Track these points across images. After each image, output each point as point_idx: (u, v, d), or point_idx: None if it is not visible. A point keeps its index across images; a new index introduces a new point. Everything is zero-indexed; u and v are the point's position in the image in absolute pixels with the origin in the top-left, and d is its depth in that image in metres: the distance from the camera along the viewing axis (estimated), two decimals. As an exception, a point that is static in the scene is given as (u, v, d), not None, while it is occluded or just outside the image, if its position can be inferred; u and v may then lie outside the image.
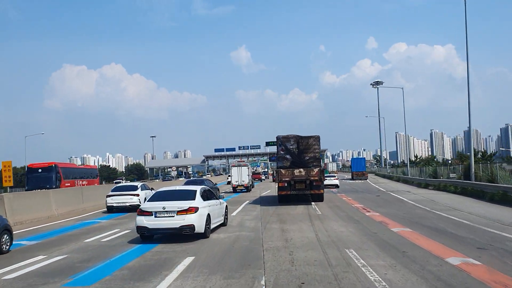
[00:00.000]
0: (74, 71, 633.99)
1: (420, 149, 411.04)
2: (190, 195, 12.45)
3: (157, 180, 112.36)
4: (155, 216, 11.64)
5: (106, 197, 21.69)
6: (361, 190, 37.32)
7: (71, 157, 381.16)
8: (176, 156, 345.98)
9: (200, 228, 11.81)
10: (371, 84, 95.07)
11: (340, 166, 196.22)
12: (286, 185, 20.58)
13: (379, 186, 44.60)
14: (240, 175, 38.34)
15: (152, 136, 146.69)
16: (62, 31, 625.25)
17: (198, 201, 12.19)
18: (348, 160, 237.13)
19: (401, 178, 56.63)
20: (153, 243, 11.98)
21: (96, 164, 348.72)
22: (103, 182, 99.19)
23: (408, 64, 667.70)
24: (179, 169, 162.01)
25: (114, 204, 21.12)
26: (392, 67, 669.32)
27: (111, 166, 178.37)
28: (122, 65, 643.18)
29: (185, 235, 11.93)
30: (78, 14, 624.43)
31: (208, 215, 12.46)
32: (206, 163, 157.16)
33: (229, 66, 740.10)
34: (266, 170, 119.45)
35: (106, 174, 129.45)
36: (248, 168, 39.81)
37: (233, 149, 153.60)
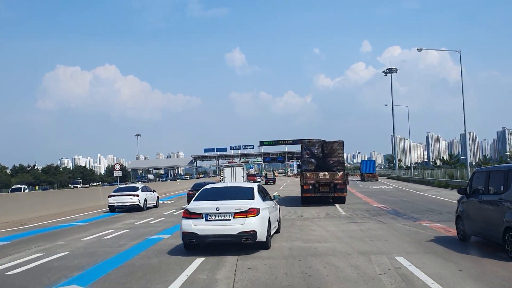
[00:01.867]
0: (68, 72, 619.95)
1: (416, 152, 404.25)
2: (248, 193, 9.81)
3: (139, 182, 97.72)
4: (206, 220, 8.94)
5: (108, 197, 22.23)
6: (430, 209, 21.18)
7: (61, 158, 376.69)
8: (169, 157, 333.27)
9: (262, 235, 9.03)
10: (383, 71, 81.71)
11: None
12: (310, 187, 20.36)
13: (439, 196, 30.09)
14: (234, 176, 34.42)
15: (137, 135, 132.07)
16: (55, 32, 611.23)
17: (257, 201, 9.49)
18: (348, 164, 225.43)
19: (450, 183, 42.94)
20: (195, 255, 8.91)
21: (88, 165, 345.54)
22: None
23: (402, 67, 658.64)
24: (157, 171, 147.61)
25: (115, 204, 21.59)
26: (386, 71, 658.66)
27: (96, 167, 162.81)
28: (116, 66, 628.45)
29: (236, 243, 9.10)
30: (72, 15, 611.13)
31: (269, 219, 9.73)
32: (194, 164, 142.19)
33: (223, 68, 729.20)
34: (259, 172, 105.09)
35: (81, 176, 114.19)
36: (243, 169, 35.90)
37: (224, 149, 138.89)
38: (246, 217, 8.90)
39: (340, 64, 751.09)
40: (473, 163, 73.26)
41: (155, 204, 23.98)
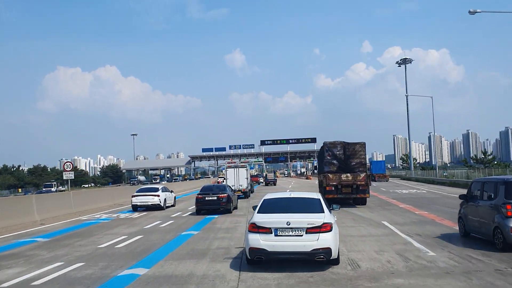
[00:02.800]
0: (68, 73, 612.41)
1: (418, 152, 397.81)
2: (315, 205, 8.74)
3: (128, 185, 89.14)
4: (276, 235, 8.00)
5: (132, 197, 23.08)
6: None
7: (61, 159, 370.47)
8: (170, 157, 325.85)
9: (335, 252, 8.11)
10: (396, 62, 73.53)
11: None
12: (333, 189, 20.09)
13: None
14: (237, 178, 31.16)
15: (133, 134, 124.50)
16: (56, 33, 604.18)
17: (328, 215, 8.42)
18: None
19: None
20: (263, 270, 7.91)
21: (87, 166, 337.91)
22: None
23: (403, 68, 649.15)
24: (152, 172, 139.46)
25: (138, 203, 22.51)
26: (386, 71, 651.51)
27: (96, 168, 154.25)
28: (116, 67, 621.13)
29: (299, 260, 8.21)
30: (72, 16, 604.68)
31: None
32: (192, 164, 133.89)
33: (223, 68, 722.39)
34: (260, 173, 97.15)
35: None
36: (247, 169, 32.45)
37: (223, 149, 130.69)
38: (320, 232, 7.89)
39: (341, 65, 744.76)
40: None
41: (172, 204, 24.83)
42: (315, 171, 49.52)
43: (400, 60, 73.14)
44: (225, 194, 19.02)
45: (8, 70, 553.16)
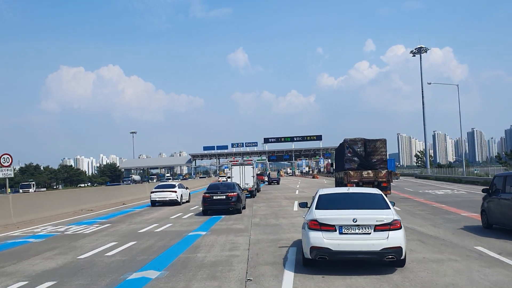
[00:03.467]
0: (71, 72, 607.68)
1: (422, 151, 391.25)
2: (379, 201, 7.97)
3: (123, 183, 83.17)
4: (341, 232, 7.22)
5: (150, 193, 23.77)
6: None
7: (64, 159, 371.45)
8: (172, 156, 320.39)
9: (404, 252, 7.33)
10: (411, 51, 67.37)
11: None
12: (354, 186, 19.29)
13: None
14: (243, 176, 28.93)
15: (132, 132, 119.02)
16: (59, 33, 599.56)
17: (394, 211, 7.62)
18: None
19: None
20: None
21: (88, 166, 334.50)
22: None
23: (406, 66, 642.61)
24: (152, 171, 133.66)
25: (157, 199, 23.19)
26: (390, 70, 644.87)
27: (93, 167, 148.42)
28: (119, 67, 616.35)
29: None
30: (75, 16, 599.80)
31: None
32: (193, 163, 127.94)
33: (226, 68, 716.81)
34: (263, 171, 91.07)
35: (66, 176, 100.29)
36: (253, 167, 30.23)
37: (225, 147, 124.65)
38: (390, 230, 7.16)
39: (344, 63, 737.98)
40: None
41: (187, 200, 25.33)
42: (331, 169, 44.37)
43: (415, 49, 67.03)
44: (235, 193, 17.59)
45: (11, 70, 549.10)
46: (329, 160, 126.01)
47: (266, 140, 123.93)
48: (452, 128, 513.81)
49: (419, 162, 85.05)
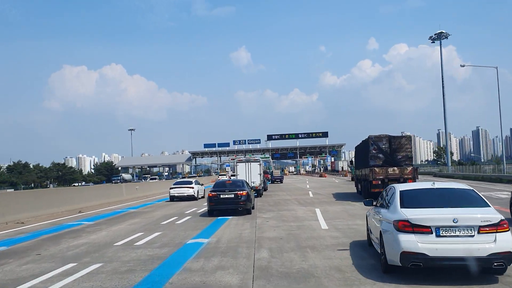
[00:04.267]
0: (74, 71, 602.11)
1: (426, 150, 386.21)
2: (475, 198, 6.78)
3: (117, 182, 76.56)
4: (438, 235, 6.09)
5: (169, 189, 25.02)
6: None
7: (66, 157, 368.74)
8: (175, 154, 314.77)
9: None
10: (429, 38, 60.40)
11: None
12: (379, 183, 19.55)
13: None
14: (249, 174, 26.84)
15: (131, 129, 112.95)
16: (61, 32, 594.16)
17: (495, 210, 6.58)
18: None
19: None
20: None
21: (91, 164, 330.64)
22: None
23: (409, 65, 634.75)
24: (153, 169, 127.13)
25: (176, 194, 24.34)
26: (392, 68, 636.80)
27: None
28: (122, 66, 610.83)
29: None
30: (78, 15, 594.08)
31: None
32: (193, 161, 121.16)
33: (229, 66, 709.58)
34: (267, 170, 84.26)
35: (59, 175, 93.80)
36: (260, 164, 28.08)
37: (227, 145, 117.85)
38: (497, 232, 6.01)
39: (346, 62, 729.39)
40: None
41: (202, 195, 25.49)
42: (350, 167, 39.69)
43: (435, 35, 60.10)
44: (244, 191, 15.69)
45: (14, 70, 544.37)
46: (333, 159, 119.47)
47: (270, 137, 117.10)
48: (457, 127, 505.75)
49: (439, 159, 78.00)
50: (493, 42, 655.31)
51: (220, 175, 67.58)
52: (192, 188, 24.42)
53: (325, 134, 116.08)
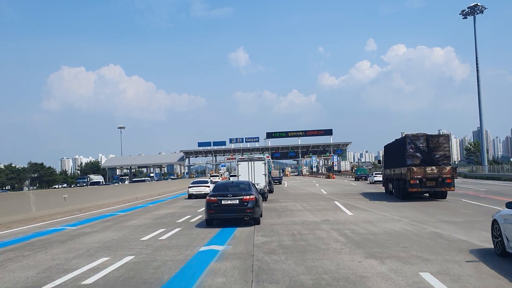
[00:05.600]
0: (72, 72, 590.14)
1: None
2: None
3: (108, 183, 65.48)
4: None
5: (188, 187, 27.32)
6: None
7: (62, 158, 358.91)
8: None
9: None
10: (462, 11, 49.94)
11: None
12: (417, 182, 19.13)
13: None
14: (252, 174, 23.44)
15: (120, 127, 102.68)
16: (60, 32, 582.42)
17: None
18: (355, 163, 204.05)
19: None
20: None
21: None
22: None
23: (408, 66, 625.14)
24: (145, 170, 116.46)
25: (194, 192, 26.47)
26: (391, 69, 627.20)
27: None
28: (120, 67, 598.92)
29: None
30: (76, 15, 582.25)
31: None
32: (186, 161, 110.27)
33: (227, 67, 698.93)
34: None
35: (37, 176, 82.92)
36: (265, 163, 24.38)
37: (223, 143, 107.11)
38: None
39: (345, 63, 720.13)
40: None
41: None
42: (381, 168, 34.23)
43: (468, 8, 49.61)
44: (252, 196, 12.07)
45: (12, 70, 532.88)
46: (339, 158, 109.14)
47: (269, 135, 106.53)
48: (457, 127, 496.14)
49: (469, 156, 67.58)
50: (493, 42, 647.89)
51: (211, 176, 57.08)
52: (208, 187, 25.72)
53: (328, 132, 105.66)
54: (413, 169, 18.82)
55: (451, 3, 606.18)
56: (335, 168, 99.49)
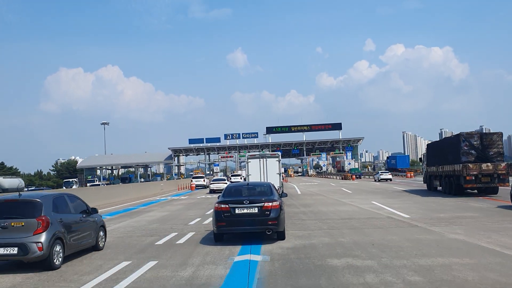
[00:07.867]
0: (70, 73, 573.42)
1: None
2: None
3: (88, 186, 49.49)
4: None
5: (209, 184, 32.66)
6: None
7: (58, 159, 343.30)
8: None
9: None
10: None
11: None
12: (473, 178, 19.45)
13: None
14: (265, 174, 20.55)
15: (104, 123, 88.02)
16: (57, 34, 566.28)
17: None
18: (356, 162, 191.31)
19: None
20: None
21: None
22: None
23: (406, 66, 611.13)
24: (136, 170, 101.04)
25: (215, 188, 30.14)
26: (389, 69, 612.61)
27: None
28: (119, 68, 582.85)
29: None
30: (74, 17, 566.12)
31: None
32: (174, 160, 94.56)
33: (226, 68, 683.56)
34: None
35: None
36: (279, 161, 21.63)
37: (217, 140, 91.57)
38: None
39: (343, 63, 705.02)
40: None
41: None
42: (423, 166, 28.18)
43: None
44: (275, 203, 8.88)
45: (10, 72, 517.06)
46: (337, 158, 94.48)
47: (269, 130, 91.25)
48: (459, 126, 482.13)
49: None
50: (490, 42, 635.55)
51: (194, 177, 42.16)
52: (226, 183, 25.84)
53: (337, 126, 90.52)
54: (469, 166, 19.07)
55: (450, 2, 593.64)
56: (340, 167, 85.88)
